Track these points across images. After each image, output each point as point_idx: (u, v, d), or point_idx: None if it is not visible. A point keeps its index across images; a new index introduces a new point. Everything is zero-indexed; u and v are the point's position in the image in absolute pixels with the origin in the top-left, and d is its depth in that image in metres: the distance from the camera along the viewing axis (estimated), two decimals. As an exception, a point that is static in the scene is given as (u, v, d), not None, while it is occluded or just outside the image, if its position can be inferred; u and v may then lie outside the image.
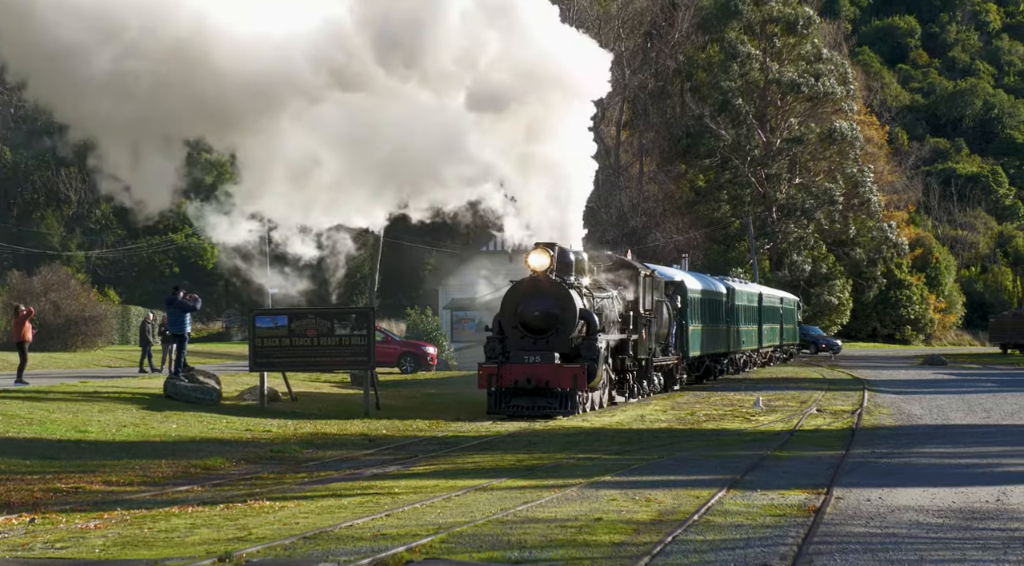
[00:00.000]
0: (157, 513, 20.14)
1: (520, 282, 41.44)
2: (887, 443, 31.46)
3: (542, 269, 40.49)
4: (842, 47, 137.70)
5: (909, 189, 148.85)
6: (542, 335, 40.65)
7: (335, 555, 15.81)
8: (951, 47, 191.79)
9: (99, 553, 16.50)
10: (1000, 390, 54.40)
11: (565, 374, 39.79)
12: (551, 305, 40.67)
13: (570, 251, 42.58)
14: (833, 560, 15.38)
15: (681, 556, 15.75)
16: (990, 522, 18.69)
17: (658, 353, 51.16)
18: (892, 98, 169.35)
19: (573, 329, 40.66)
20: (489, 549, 16.22)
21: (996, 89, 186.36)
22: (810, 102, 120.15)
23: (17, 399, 37.75)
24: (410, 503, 20.98)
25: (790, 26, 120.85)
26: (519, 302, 40.98)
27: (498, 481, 24.16)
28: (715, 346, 65.79)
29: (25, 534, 18.22)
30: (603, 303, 43.92)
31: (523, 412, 39.89)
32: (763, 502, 20.42)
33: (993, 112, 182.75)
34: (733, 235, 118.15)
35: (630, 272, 47.87)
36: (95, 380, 46.34)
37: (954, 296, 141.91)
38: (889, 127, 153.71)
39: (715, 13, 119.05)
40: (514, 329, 40.89)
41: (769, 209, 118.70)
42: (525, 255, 41.41)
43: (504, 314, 41.34)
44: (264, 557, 15.89)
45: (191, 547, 16.78)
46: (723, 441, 33.06)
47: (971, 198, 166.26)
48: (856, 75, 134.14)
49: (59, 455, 29.03)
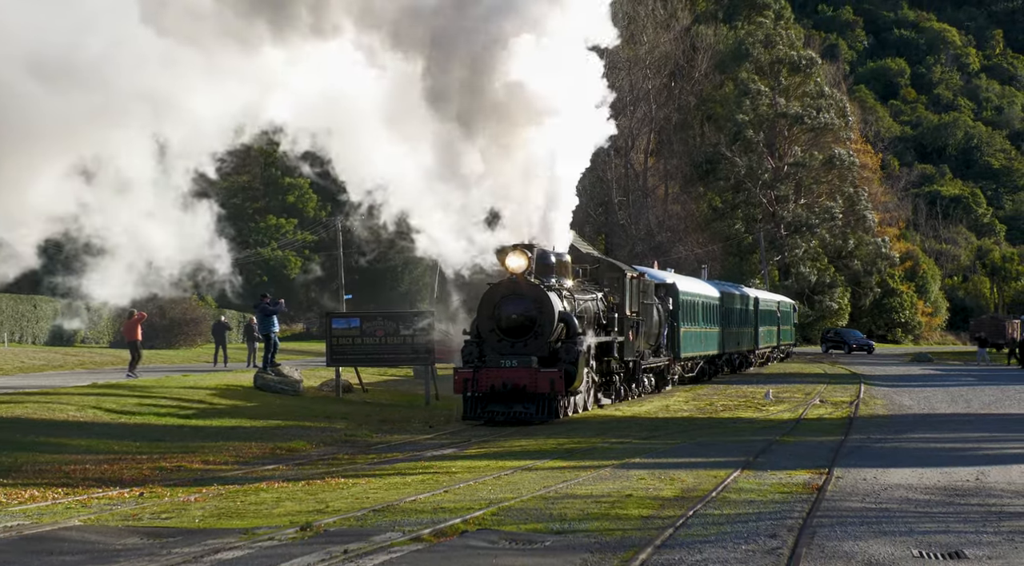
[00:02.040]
0: (248, 488, 20.23)
1: (497, 284, 36.20)
2: (881, 430, 31.36)
3: (520, 270, 35.23)
4: (841, 85, 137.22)
5: (900, 208, 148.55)
6: (520, 338, 35.27)
7: (400, 525, 15.86)
8: (936, 85, 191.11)
9: (198, 522, 16.59)
10: (979, 384, 54.29)
11: (543, 378, 34.34)
12: (529, 307, 35.29)
13: (551, 252, 37.42)
14: (833, 531, 15.36)
15: (701, 528, 15.75)
16: (970, 498, 18.66)
17: (647, 355, 45.82)
18: (884, 129, 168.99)
19: (552, 332, 35.21)
20: (534, 521, 16.25)
21: (975, 122, 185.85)
22: (813, 133, 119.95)
23: (129, 390, 37.90)
24: (465, 481, 21.01)
25: (795, 67, 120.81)
26: (496, 304, 35.56)
27: (541, 462, 24.18)
28: (709, 347, 60.34)
29: (135, 506, 18.32)
30: (586, 305, 38.35)
31: (499, 418, 34.51)
32: (772, 481, 20.39)
33: (973, 142, 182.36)
34: (746, 248, 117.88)
35: (616, 274, 42.38)
36: (195, 374, 46.44)
37: (939, 302, 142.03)
38: (882, 155, 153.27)
39: (730, 56, 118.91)
40: (491, 332, 35.49)
41: (778, 226, 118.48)
42: (502, 256, 36.12)
43: (481, 317, 35.86)
44: (340, 527, 15.95)
45: (277, 518, 16.85)
46: (737, 428, 32.99)
47: (954, 217, 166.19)
48: (853, 109, 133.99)
49: (164, 438, 29.14)
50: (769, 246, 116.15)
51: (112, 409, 33.44)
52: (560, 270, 37.59)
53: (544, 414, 34.59)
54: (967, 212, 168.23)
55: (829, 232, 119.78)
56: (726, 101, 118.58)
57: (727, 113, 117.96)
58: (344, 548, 14.14)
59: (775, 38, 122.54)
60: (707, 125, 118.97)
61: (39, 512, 17.72)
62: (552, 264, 36.99)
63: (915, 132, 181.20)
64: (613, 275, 42.18)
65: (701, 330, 57.92)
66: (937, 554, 13.93)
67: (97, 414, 32.44)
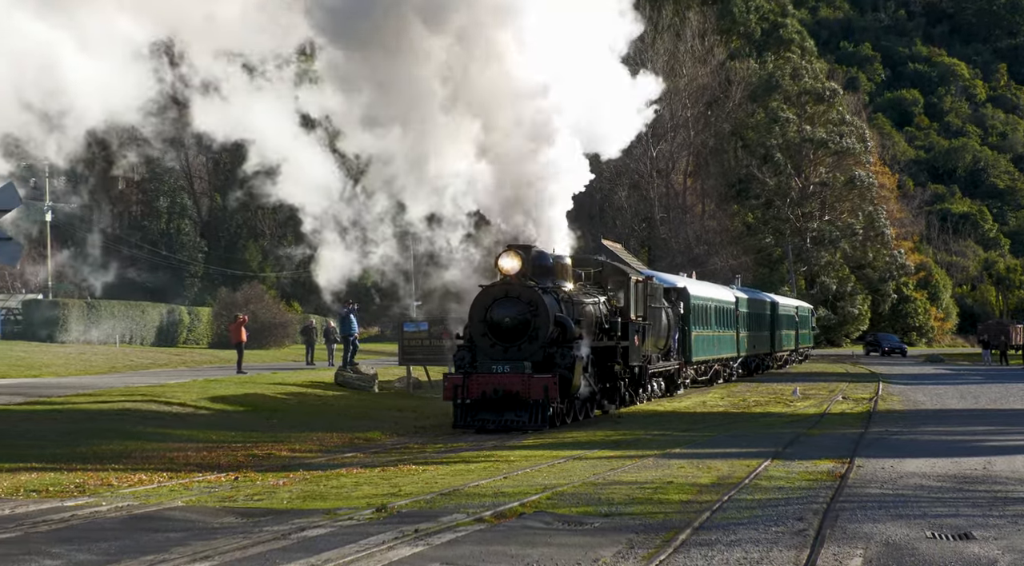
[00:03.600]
0: (330, 474, 20.28)
1: (490, 286, 31.45)
2: (897, 423, 31.18)
3: (513, 272, 30.66)
4: (861, 113, 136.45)
5: (914, 224, 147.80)
6: (513, 343, 30.56)
7: (465, 508, 15.86)
8: (946, 114, 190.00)
9: (286, 504, 16.65)
10: (986, 382, 53.96)
11: (536, 384, 29.62)
12: (522, 310, 30.52)
13: (550, 255, 32.72)
14: (855, 515, 15.26)
15: (735, 511, 15.68)
16: (978, 485, 18.53)
17: (655, 359, 40.75)
18: (900, 153, 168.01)
19: (547, 336, 30.54)
20: (584, 504, 16.22)
21: (982, 146, 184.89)
22: (836, 156, 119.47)
23: (226, 385, 38.13)
24: (522, 468, 21.01)
25: (820, 97, 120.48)
26: (488, 307, 30.77)
27: (591, 452, 24.14)
28: (724, 350, 55.28)
29: (231, 489, 18.40)
30: (586, 309, 33.47)
31: (489, 426, 29.87)
32: (800, 470, 20.29)
33: (980, 164, 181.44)
34: (776, 260, 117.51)
35: (620, 278, 37.34)
36: (283, 372, 46.68)
37: (950, 308, 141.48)
38: (898, 176, 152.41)
39: (761, 87, 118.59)
40: (483, 337, 30.73)
41: (804, 239, 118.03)
42: (496, 257, 31.43)
43: (473, 321, 31.04)
44: (411, 508, 15.97)
45: (356, 500, 16.89)
46: (768, 422, 32.87)
47: (963, 232, 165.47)
48: (872, 135, 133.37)
49: (256, 428, 29.29)
50: (796, 258, 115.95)
51: (210, 402, 33.67)
52: (560, 273, 33.05)
53: (537, 422, 29.77)
54: (975, 227, 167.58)
55: (850, 245, 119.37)
56: (757, 127, 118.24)
57: (758, 138, 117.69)
58: (415, 527, 14.16)
59: (802, 71, 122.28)
60: (740, 149, 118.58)
61: (146, 494, 17.82)
62: (550, 266, 32.41)
63: (928, 156, 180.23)
64: (617, 279, 37.35)
65: (715, 334, 53.07)
66: (948, 535, 13.83)
67: (197, 407, 32.67)
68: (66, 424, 27.40)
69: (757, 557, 12.59)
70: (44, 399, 32.14)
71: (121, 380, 41.13)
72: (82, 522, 15.09)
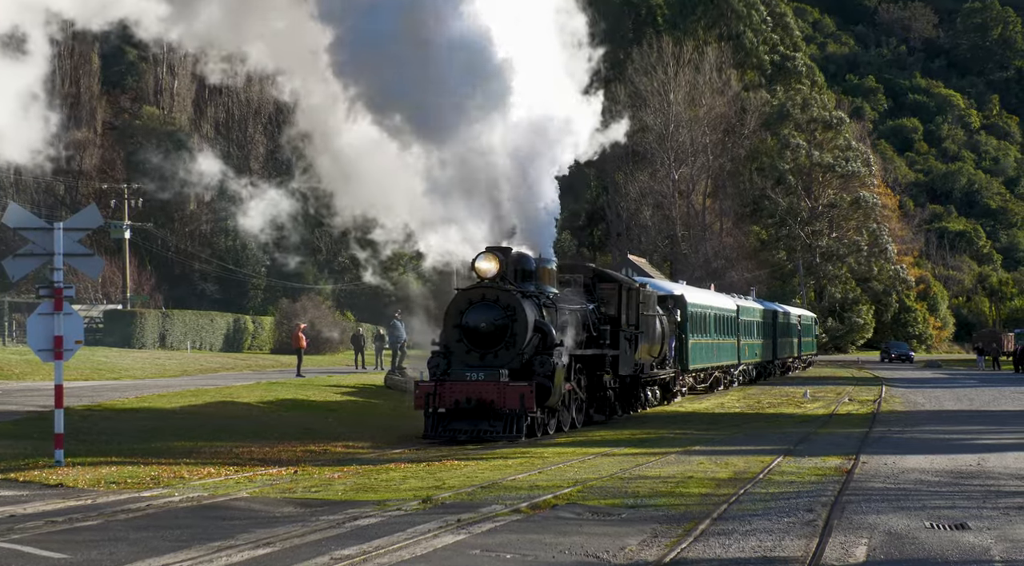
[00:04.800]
0: (380, 468, 20.32)
1: (465, 289, 27.79)
2: (899, 423, 31.04)
3: (490, 275, 26.93)
4: (865, 140, 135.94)
5: (914, 241, 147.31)
6: (490, 349, 26.74)
7: (503, 500, 15.86)
8: (944, 140, 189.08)
9: (341, 495, 16.69)
10: (980, 385, 53.66)
11: (512, 393, 25.85)
12: (499, 315, 26.68)
13: (532, 258, 28.86)
14: (860, 507, 15.21)
15: (750, 503, 15.65)
16: (973, 480, 18.44)
17: (648, 368, 36.46)
18: (901, 176, 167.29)
19: (525, 342, 26.66)
20: (612, 497, 16.20)
21: (976, 170, 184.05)
22: (842, 179, 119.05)
23: (286, 388, 38.24)
24: (555, 464, 21.00)
25: (827, 125, 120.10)
26: (463, 312, 27.00)
27: (617, 449, 24.11)
28: (724, 358, 50.65)
29: (290, 481, 18.46)
30: (571, 315, 29.46)
31: (461, 437, 26.08)
32: (809, 465, 20.22)
33: (974, 186, 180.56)
34: (788, 273, 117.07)
35: (610, 285, 32.94)
36: (337, 375, 46.77)
37: (947, 318, 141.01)
38: (899, 197, 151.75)
39: (774, 116, 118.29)
40: (458, 342, 26.93)
41: (813, 255, 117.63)
42: (472, 259, 27.66)
43: (447, 326, 27.29)
44: (454, 500, 15.98)
45: (403, 492, 16.92)
46: (780, 422, 32.76)
47: (959, 248, 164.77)
48: (875, 160, 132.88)
49: (313, 426, 29.37)
50: (806, 271, 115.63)
51: (273, 403, 33.77)
52: (544, 277, 29.35)
53: (512, 432, 25.96)
54: (969, 244, 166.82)
55: (856, 260, 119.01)
56: (770, 153, 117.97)
57: (771, 162, 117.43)
58: (457, 517, 14.18)
59: (811, 102, 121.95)
60: (755, 172, 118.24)
61: (215, 486, 17.89)
62: (533, 270, 28.57)
63: (926, 178, 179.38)
64: (607, 286, 32.88)
65: (713, 342, 48.51)
66: (945, 525, 13.78)
67: (261, 407, 32.77)
68: (142, 422, 27.56)
69: (771, 545, 12.58)
70: (122, 400, 32.31)
71: (192, 382, 41.31)
72: (157, 511, 15.17)
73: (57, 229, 20.23)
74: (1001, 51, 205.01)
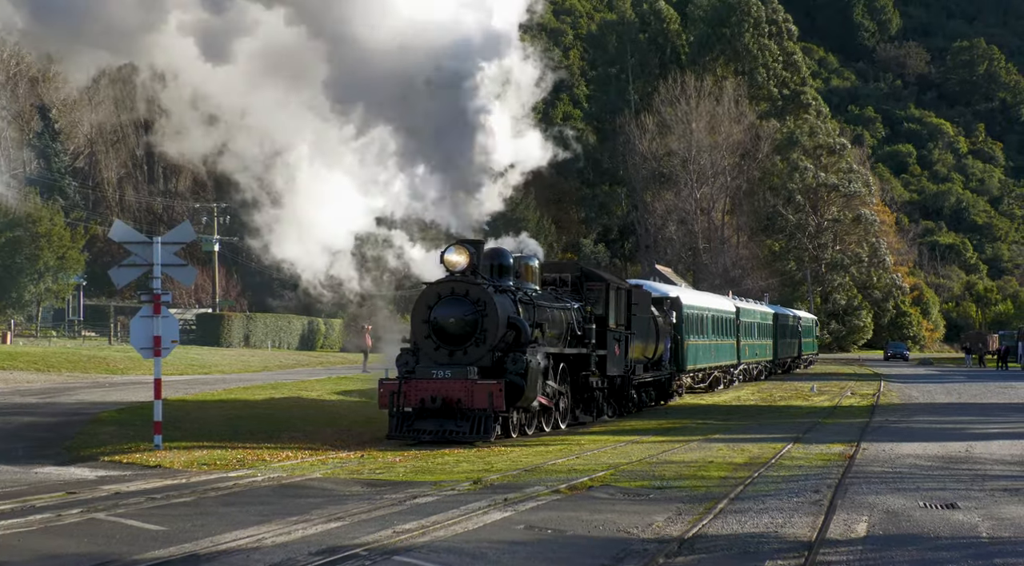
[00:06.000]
0: (436, 453, 20.33)
1: (433, 283, 23.49)
2: (896, 414, 30.82)
3: (460, 268, 23.00)
4: (865, 163, 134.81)
5: (909, 253, 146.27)
6: (459, 346, 22.80)
7: (544, 482, 15.85)
8: (935, 164, 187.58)
9: (402, 476, 16.73)
10: (967, 381, 53.23)
11: (480, 391, 21.94)
12: (468, 310, 22.74)
13: (510, 253, 25.27)
14: (860, 488, 15.12)
15: (764, 484, 15.59)
16: (961, 464, 18.30)
17: (640, 369, 32.20)
18: (897, 196, 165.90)
19: (496, 339, 22.71)
20: (641, 479, 16.16)
21: (964, 190, 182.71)
22: (845, 198, 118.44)
23: (354, 381, 38.38)
24: (590, 450, 20.96)
25: (832, 150, 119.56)
26: (431, 307, 22.98)
27: (646, 437, 24.05)
28: (722, 358, 45.93)
29: (358, 464, 18.51)
30: (552, 313, 25.36)
31: (425, 438, 22.22)
32: (816, 451, 20.12)
33: (962, 204, 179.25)
34: (797, 281, 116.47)
35: (597, 284, 28.45)
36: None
37: (938, 321, 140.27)
38: (896, 214, 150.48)
39: (784, 142, 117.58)
40: (427, 339, 22.93)
41: (819, 265, 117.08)
42: (441, 252, 23.59)
43: (415, 322, 23.27)
44: (501, 481, 15.98)
45: (456, 474, 16.94)
46: (790, 413, 32.57)
47: (948, 259, 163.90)
48: (874, 181, 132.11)
49: (378, 416, 29.39)
50: (813, 280, 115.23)
51: (342, 395, 33.87)
52: (524, 274, 25.68)
53: (479, 433, 22.09)
54: (958, 256, 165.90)
55: (857, 270, 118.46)
56: (781, 175, 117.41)
57: (782, 183, 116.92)
58: (504, 497, 14.18)
59: (817, 130, 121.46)
60: (768, 192, 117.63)
61: (292, 467, 17.96)
62: (509, 266, 24.74)
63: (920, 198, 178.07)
64: (595, 285, 28.51)
65: (711, 342, 43.84)
66: (937, 505, 13.68)
67: (332, 399, 32.87)
68: (229, 411, 27.71)
69: (781, 521, 12.53)
70: (212, 392, 32.53)
71: (272, 377, 41.53)
72: (242, 489, 15.26)
73: (156, 243, 20.42)
74: (986, 85, 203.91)
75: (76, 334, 69.75)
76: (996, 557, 10.76)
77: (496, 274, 24.22)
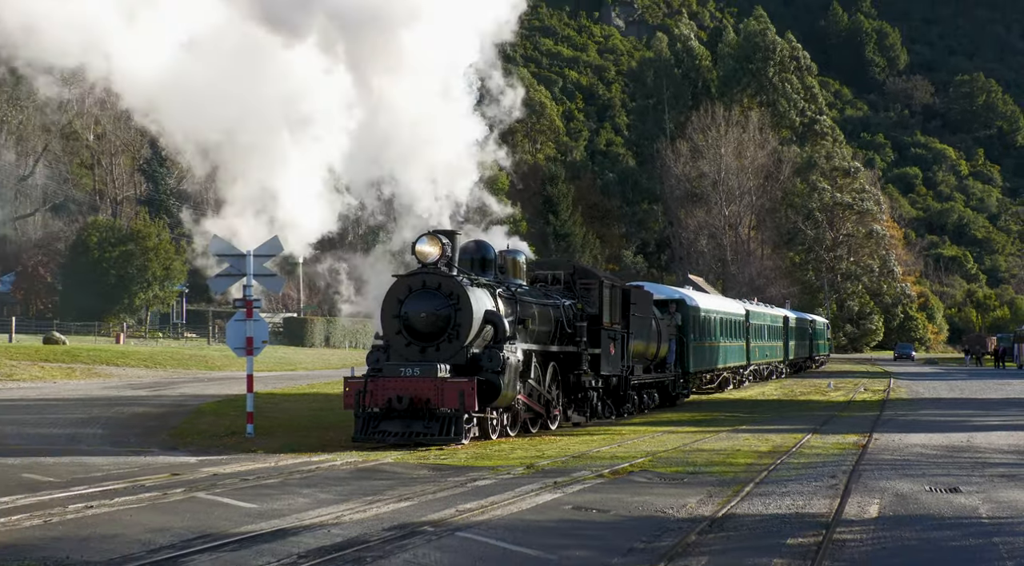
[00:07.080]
0: (493, 442, 20.30)
1: (404, 276, 19.79)
2: (904, 408, 30.49)
3: (432, 259, 19.32)
4: (876, 184, 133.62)
5: (915, 264, 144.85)
6: (431, 342, 19.20)
7: (589, 467, 15.82)
8: (939, 184, 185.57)
9: (463, 461, 16.73)
10: (968, 378, 52.58)
11: (450, 390, 18.33)
12: (441, 304, 19.09)
13: (491, 246, 21.63)
14: (872, 474, 14.97)
15: (786, 470, 15.48)
16: (963, 453, 18.07)
17: (639, 370, 28.29)
18: (905, 213, 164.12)
19: (471, 334, 19.17)
20: (675, 465, 16.10)
21: (965, 208, 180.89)
22: (858, 215, 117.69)
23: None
24: (630, 439, 20.90)
25: (846, 172, 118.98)
26: (403, 301, 19.29)
27: (679, 427, 23.95)
28: (731, 360, 42.12)
29: (424, 450, 18.54)
30: (538, 310, 21.74)
31: (390, 440, 18.63)
32: (832, 441, 19.93)
33: (964, 221, 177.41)
34: (815, 290, 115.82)
35: (590, 282, 24.76)
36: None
37: (942, 325, 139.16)
38: (904, 230, 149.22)
39: (804, 165, 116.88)
40: (398, 335, 19.32)
41: (835, 275, 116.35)
42: (412, 243, 19.64)
43: (386, 317, 19.44)
44: (551, 467, 15.96)
45: (511, 460, 16.93)
46: (809, 406, 32.29)
47: (951, 270, 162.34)
48: (884, 200, 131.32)
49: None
50: (829, 288, 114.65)
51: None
52: (510, 268, 22.25)
53: (448, 434, 18.53)
54: (960, 267, 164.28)
55: (869, 279, 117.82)
56: (801, 194, 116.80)
57: (802, 202, 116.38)
58: (554, 480, 14.17)
59: (833, 154, 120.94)
60: (789, 210, 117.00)
61: (367, 453, 18.00)
62: (492, 260, 21.40)
63: (925, 215, 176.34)
64: (587, 283, 24.82)
65: (719, 344, 39.99)
66: (941, 489, 13.52)
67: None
68: (312, 403, 27.90)
69: (802, 503, 12.44)
70: (297, 387, 32.74)
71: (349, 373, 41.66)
72: (323, 472, 15.34)
73: (249, 255, 20.61)
74: (986, 114, 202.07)
75: (179, 335, 70.54)
76: (995, 535, 10.67)
77: (478, 268, 20.92)
